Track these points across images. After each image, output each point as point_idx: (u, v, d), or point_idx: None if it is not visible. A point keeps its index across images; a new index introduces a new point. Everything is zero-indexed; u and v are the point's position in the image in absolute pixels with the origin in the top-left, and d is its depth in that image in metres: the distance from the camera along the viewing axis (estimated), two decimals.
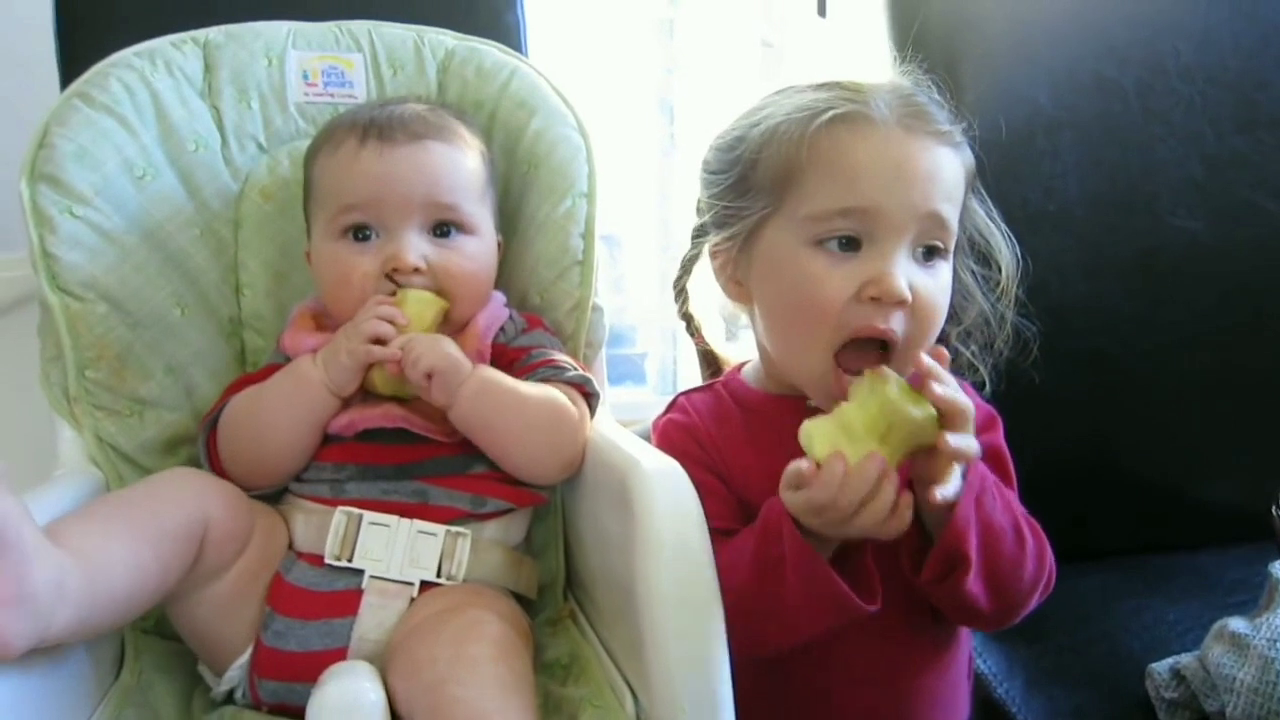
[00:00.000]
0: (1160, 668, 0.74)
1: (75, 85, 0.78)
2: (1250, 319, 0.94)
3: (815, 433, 0.63)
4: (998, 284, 0.75)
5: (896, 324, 0.67)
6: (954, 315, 0.75)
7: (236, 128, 0.84)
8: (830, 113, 0.68)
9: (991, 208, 0.75)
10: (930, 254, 0.69)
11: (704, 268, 0.78)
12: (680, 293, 0.84)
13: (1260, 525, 0.89)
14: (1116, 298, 0.92)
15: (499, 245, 0.82)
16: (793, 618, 0.64)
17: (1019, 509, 0.70)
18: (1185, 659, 0.72)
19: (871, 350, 0.68)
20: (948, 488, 0.62)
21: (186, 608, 0.69)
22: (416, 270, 0.74)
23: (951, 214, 0.69)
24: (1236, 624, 0.70)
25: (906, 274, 0.67)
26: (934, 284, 0.69)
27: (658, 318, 1.66)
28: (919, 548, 0.67)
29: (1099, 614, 0.86)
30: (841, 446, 0.61)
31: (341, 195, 0.75)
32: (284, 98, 0.85)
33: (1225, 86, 0.91)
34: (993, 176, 0.84)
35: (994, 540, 0.66)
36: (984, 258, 0.75)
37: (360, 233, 0.75)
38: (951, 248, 0.70)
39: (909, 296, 0.66)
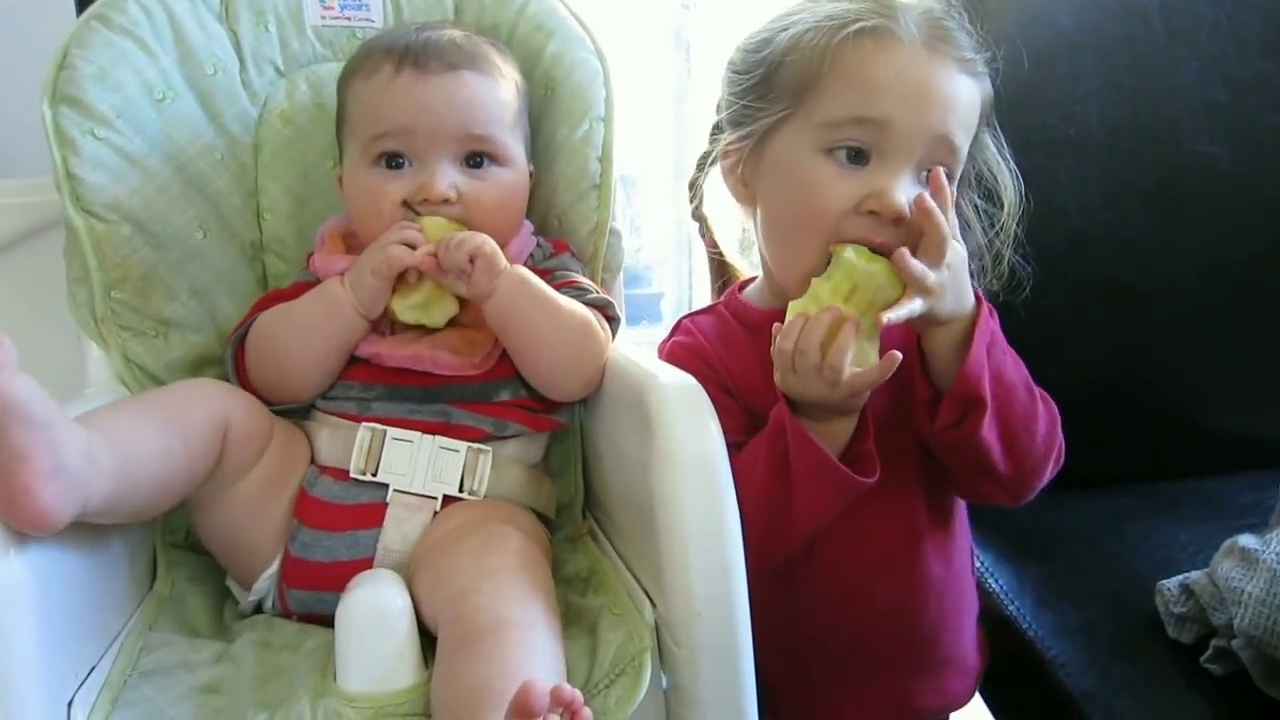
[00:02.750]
0: (1170, 584, 0.75)
1: (93, 7, 0.78)
2: (1271, 247, 0.93)
3: (790, 308, 0.68)
4: (1000, 221, 0.76)
5: (893, 239, 0.69)
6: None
7: (254, 51, 0.84)
8: (857, 24, 0.68)
9: (1003, 143, 0.75)
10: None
11: (719, 170, 0.79)
12: (695, 193, 0.84)
13: (1274, 452, 0.89)
14: (1135, 224, 0.91)
15: (531, 174, 0.82)
16: (801, 501, 0.67)
17: (1042, 393, 0.72)
18: (1195, 575, 0.73)
19: None
20: (902, 308, 0.65)
21: (212, 514, 0.71)
22: (446, 200, 0.75)
23: (963, 141, 0.70)
24: (1246, 540, 0.71)
25: (908, 193, 0.68)
26: None
27: (673, 257, 1.66)
28: (933, 400, 0.69)
29: (1110, 536, 0.87)
30: (808, 311, 0.66)
31: (375, 123, 0.75)
32: (301, 21, 0.85)
33: (1252, 8, 0.89)
34: (1013, 102, 0.83)
35: (1006, 391, 0.68)
36: (989, 193, 0.76)
37: (393, 160, 0.76)
38: (956, 175, 0.71)
39: (907, 213, 0.68)
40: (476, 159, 0.76)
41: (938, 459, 0.73)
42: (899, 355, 0.64)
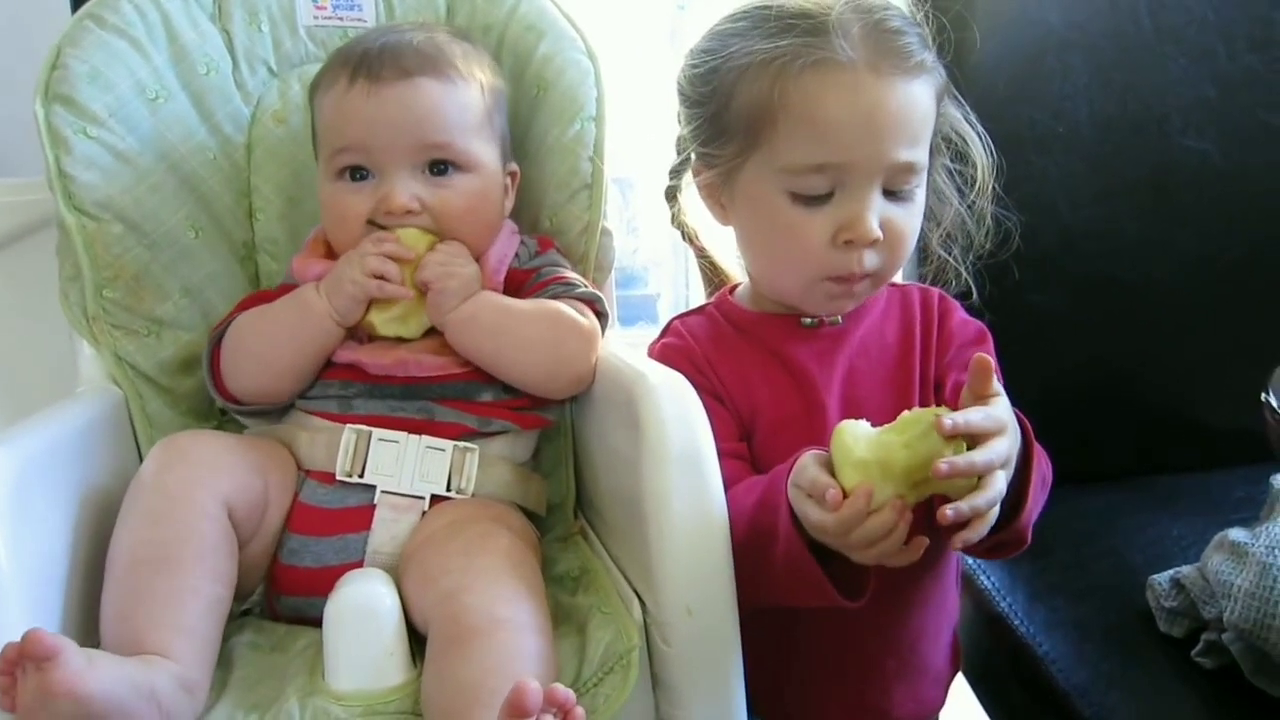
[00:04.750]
0: (1160, 578, 0.75)
1: (87, 7, 0.79)
2: (1261, 240, 0.93)
3: (852, 452, 0.59)
4: (974, 180, 0.76)
5: (870, 262, 0.70)
6: (931, 216, 0.77)
7: (247, 51, 0.84)
8: (799, 61, 0.68)
9: (968, 109, 0.76)
10: (904, 185, 0.70)
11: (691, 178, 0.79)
12: (673, 204, 0.84)
13: (1267, 446, 0.89)
14: (1126, 219, 0.91)
15: (515, 174, 0.82)
16: (776, 588, 0.65)
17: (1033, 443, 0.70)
18: (1185, 570, 0.73)
19: None
20: (972, 532, 0.59)
21: None
22: (409, 211, 0.74)
23: (921, 156, 0.70)
24: (1236, 534, 0.70)
25: (878, 212, 0.69)
26: (904, 214, 0.71)
27: (670, 259, 1.66)
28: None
29: (1102, 531, 0.87)
30: (872, 481, 0.58)
31: (334, 138, 0.75)
32: (293, 21, 0.86)
33: (1238, 4, 0.90)
34: (1002, 98, 0.84)
35: (1035, 509, 0.67)
36: (961, 155, 0.76)
37: (357, 173, 0.75)
38: (923, 175, 0.71)
39: (880, 236, 0.69)
40: (440, 166, 0.76)
41: None
42: (926, 541, 0.60)
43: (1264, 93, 0.91)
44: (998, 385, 0.62)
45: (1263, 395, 0.67)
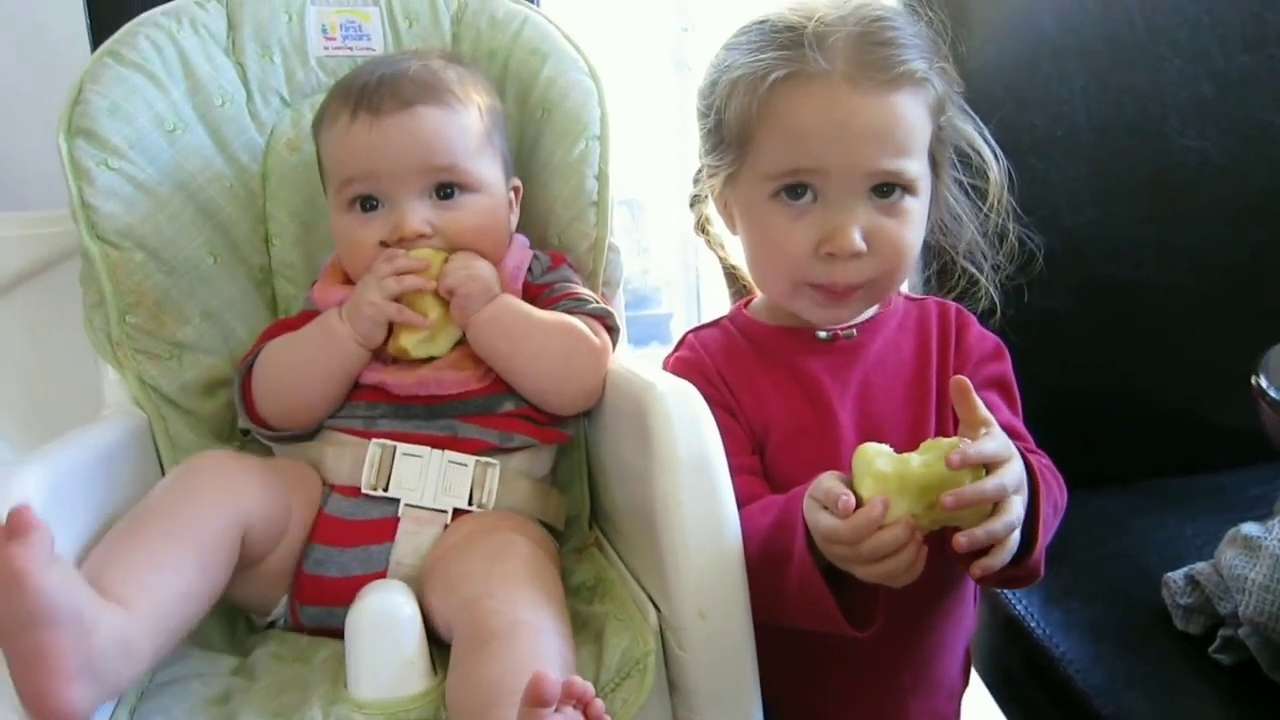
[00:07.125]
0: (1175, 576, 0.75)
1: (106, 44, 0.81)
2: (1263, 238, 0.93)
3: (873, 466, 0.60)
4: (992, 196, 0.77)
5: (858, 274, 0.70)
6: (944, 230, 0.77)
7: (260, 82, 0.86)
8: (773, 75, 0.69)
9: (979, 121, 0.76)
10: (892, 193, 0.70)
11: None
12: (696, 212, 0.85)
13: (1273, 443, 0.89)
14: (1127, 221, 0.92)
15: (518, 189, 0.84)
16: (788, 609, 0.65)
17: (1044, 462, 0.71)
18: (1200, 566, 0.73)
19: None
20: (993, 559, 0.60)
21: (230, 587, 0.68)
22: (422, 235, 0.76)
23: (906, 164, 0.70)
24: (1249, 528, 0.71)
25: (864, 222, 0.69)
26: (896, 225, 0.70)
27: (681, 278, 1.68)
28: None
29: (1116, 533, 0.87)
30: (889, 495, 0.59)
31: (341, 170, 0.77)
32: (305, 52, 0.88)
33: (1232, 4, 0.91)
34: (1000, 104, 0.84)
35: (1047, 537, 0.66)
36: (979, 171, 0.77)
37: (367, 203, 0.77)
38: (919, 185, 0.71)
39: (863, 248, 0.69)
40: (446, 190, 0.78)
41: None
42: (925, 549, 0.60)
43: (1261, 91, 0.92)
44: (986, 413, 0.62)
45: (1252, 378, 0.66)
